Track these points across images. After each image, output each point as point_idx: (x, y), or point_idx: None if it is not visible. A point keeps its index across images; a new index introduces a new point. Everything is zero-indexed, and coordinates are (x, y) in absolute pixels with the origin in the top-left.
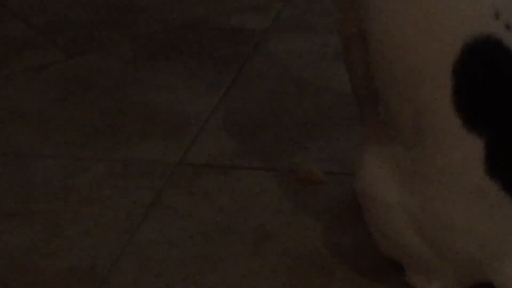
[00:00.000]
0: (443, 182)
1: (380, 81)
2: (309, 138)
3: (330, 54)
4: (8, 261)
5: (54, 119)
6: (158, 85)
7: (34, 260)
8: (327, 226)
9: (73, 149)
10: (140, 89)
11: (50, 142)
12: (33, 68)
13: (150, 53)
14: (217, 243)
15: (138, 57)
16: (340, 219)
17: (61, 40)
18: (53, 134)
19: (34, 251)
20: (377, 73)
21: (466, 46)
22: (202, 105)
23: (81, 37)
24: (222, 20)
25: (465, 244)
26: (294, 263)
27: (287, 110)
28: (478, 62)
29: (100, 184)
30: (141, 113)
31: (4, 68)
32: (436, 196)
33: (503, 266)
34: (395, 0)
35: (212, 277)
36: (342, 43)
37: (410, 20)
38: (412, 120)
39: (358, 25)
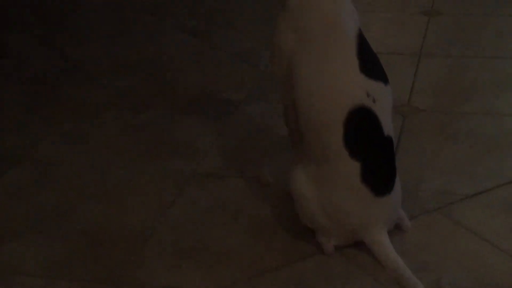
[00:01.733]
0: (337, 185)
1: (304, 128)
2: (267, 159)
3: (279, 113)
4: (92, 225)
5: (124, 146)
6: (183, 129)
7: (106, 222)
8: (274, 206)
9: (133, 163)
10: (173, 131)
11: (120, 158)
12: (114, 119)
13: (179, 110)
14: (213, 216)
15: (173, 113)
16: (282, 202)
17: (127, 103)
18: (122, 154)
19: (106, 217)
20: (302, 123)
21: (350, 110)
22: (207, 140)
23: (140, 101)
24: (219, 92)
25: (349, 220)
26: (255, 226)
27: (255, 143)
28: (357, 119)
29: (147, 183)
30: (173, 144)
31: (98, 119)
32: (333, 193)
33: (369, 231)
34: (312, 81)
35: (210, 232)
36: (283, 107)
37: (320, 95)
38: (320, 150)
39: (291, 96)
